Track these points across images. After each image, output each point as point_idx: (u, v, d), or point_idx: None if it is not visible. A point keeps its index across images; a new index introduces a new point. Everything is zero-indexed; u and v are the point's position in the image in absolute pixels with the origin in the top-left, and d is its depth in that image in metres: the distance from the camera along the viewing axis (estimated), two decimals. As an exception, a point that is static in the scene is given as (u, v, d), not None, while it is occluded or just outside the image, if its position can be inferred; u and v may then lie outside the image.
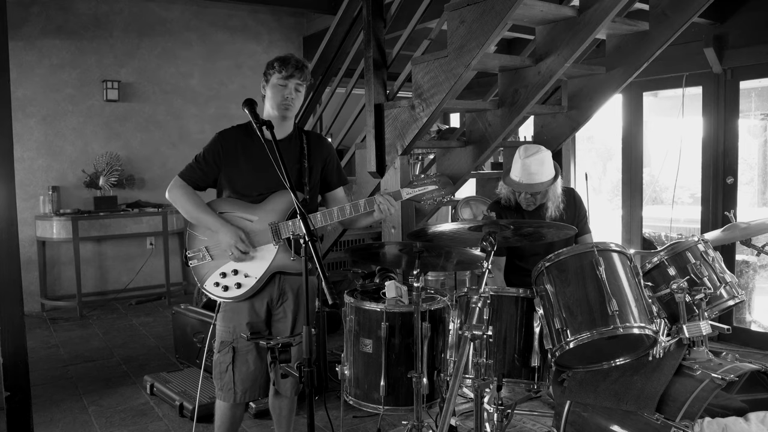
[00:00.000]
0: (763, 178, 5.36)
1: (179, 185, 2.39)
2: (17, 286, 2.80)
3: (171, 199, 2.41)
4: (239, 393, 2.36)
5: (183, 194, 2.37)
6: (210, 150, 2.37)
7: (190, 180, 2.39)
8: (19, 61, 5.67)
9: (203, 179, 2.39)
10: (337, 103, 4.34)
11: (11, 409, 2.77)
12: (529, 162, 2.90)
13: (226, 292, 2.32)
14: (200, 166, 2.38)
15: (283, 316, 2.41)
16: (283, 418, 2.56)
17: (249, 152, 2.36)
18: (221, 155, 2.36)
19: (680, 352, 2.27)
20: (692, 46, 4.46)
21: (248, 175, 2.35)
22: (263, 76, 2.37)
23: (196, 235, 2.38)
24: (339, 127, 4.48)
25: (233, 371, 2.35)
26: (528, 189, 2.93)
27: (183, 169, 2.41)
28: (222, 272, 2.33)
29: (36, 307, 5.86)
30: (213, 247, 2.35)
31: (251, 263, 2.32)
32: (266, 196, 2.35)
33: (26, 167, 5.81)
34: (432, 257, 2.47)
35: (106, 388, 3.81)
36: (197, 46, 6.54)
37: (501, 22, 2.80)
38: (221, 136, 2.38)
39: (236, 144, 2.37)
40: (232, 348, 2.34)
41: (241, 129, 2.41)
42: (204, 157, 2.37)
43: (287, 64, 2.32)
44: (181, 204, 2.37)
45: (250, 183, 2.36)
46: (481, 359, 2.00)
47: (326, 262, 4.77)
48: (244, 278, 2.31)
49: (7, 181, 2.73)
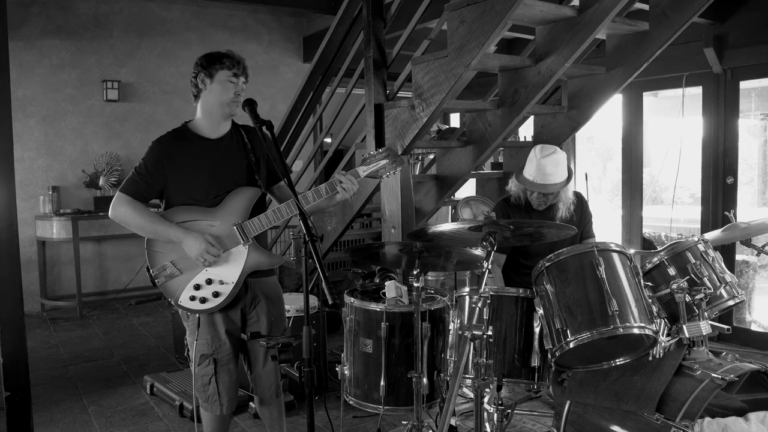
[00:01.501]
0: (763, 178, 5.36)
1: (124, 201, 2.21)
2: (17, 286, 2.80)
3: (118, 218, 2.23)
4: (225, 404, 2.31)
5: (132, 209, 2.21)
6: (151, 159, 2.22)
7: (134, 194, 2.22)
8: (19, 61, 5.67)
9: (148, 191, 2.24)
10: (337, 103, 4.34)
11: (11, 409, 2.77)
12: (545, 162, 2.91)
13: (204, 304, 2.21)
14: (143, 178, 2.22)
15: (256, 319, 2.35)
16: (275, 420, 2.51)
17: (193, 156, 2.24)
18: (164, 163, 2.22)
19: (680, 352, 2.27)
20: (692, 46, 4.46)
21: (198, 178, 2.24)
22: (202, 69, 2.25)
23: (156, 251, 2.25)
24: (339, 127, 4.48)
25: (217, 383, 2.29)
26: (542, 189, 2.93)
27: (123, 184, 2.24)
28: (195, 284, 2.21)
29: (36, 307, 5.86)
30: (179, 261, 2.22)
31: (224, 269, 2.22)
32: (222, 198, 2.24)
33: (26, 167, 5.81)
34: (432, 257, 2.47)
35: (106, 388, 3.81)
36: (197, 46, 6.54)
37: (501, 22, 2.80)
38: (160, 144, 2.25)
39: (177, 150, 2.24)
40: (213, 360, 2.28)
41: (176, 133, 2.29)
42: (146, 167, 2.22)
43: (237, 62, 2.26)
44: (132, 220, 2.21)
45: (202, 187, 2.24)
46: (481, 359, 2.00)
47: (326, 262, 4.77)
48: (220, 285, 2.21)
49: (7, 181, 2.73)
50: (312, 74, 4.35)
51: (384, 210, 3.50)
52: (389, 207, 3.45)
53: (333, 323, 4.41)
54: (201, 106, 2.30)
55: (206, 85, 2.25)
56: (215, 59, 2.26)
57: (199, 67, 2.27)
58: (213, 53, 2.29)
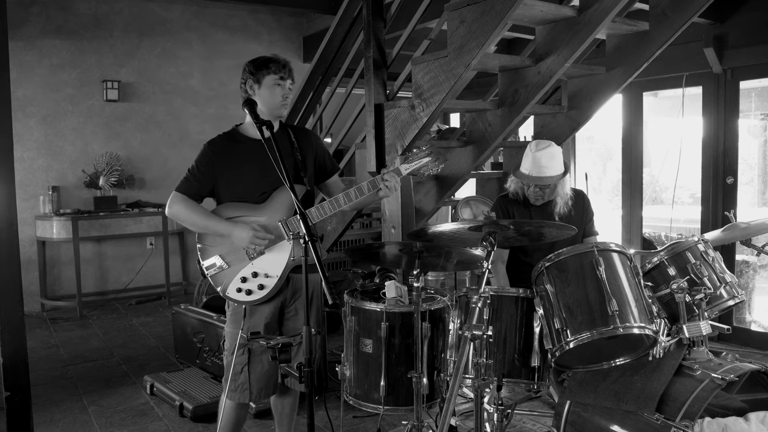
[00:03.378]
0: (763, 178, 5.36)
1: (179, 199, 2.35)
2: (17, 286, 2.80)
3: (173, 215, 2.37)
4: (255, 392, 2.38)
5: (185, 207, 2.34)
6: (202, 160, 2.35)
7: (188, 193, 2.36)
8: (19, 61, 5.67)
9: (201, 190, 2.37)
10: (337, 103, 4.34)
11: (11, 409, 2.77)
12: (540, 155, 2.94)
13: (250, 296, 2.31)
14: (196, 178, 2.36)
15: (294, 313, 2.43)
16: (285, 416, 2.57)
17: (242, 155, 2.36)
18: (215, 163, 2.34)
19: (680, 352, 2.27)
20: (692, 46, 4.46)
21: (247, 177, 2.35)
22: (250, 76, 2.33)
23: (207, 246, 2.36)
24: (339, 127, 4.48)
25: (249, 371, 2.36)
26: (537, 182, 2.96)
27: (178, 184, 2.37)
28: (242, 277, 2.32)
29: (36, 307, 5.86)
30: (227, 254, 2.34)
31: (269, 262, 2.32)
32: (269, 195, 2.35)
33: (26, 167, 5.81)
34: (432, 257, 2.47)
35: (106, 388, 3.81)
36: (197, 46, 6.54)
37: (501, 22, 2.80)
38: (210, 145, 2.37)
39: (227, 150, 2.36)
40: (248, 349, 2.36)
41: (227, 135, 2.41)
42: (198, 168, 2.36)
43: (281, 65, 2.33)
44: (186, 216, 2.35)
45: (250, 184, 2.35)
46: (481, 359, 2.00)
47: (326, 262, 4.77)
48: (265, 278, 2.32)
49: (7, 181, 2.73)
50: (312, 74, 4.35)
51: (384, 210, 3.50)
52: (389, 207, 3.45)
53: (333, 323, 4.41)
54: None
55: (255, 90, 2.33)
56: (262, 65, 2.33)
57: (247, 74, 2.35)
58: (260, 59, 2.36)
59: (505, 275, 3.06)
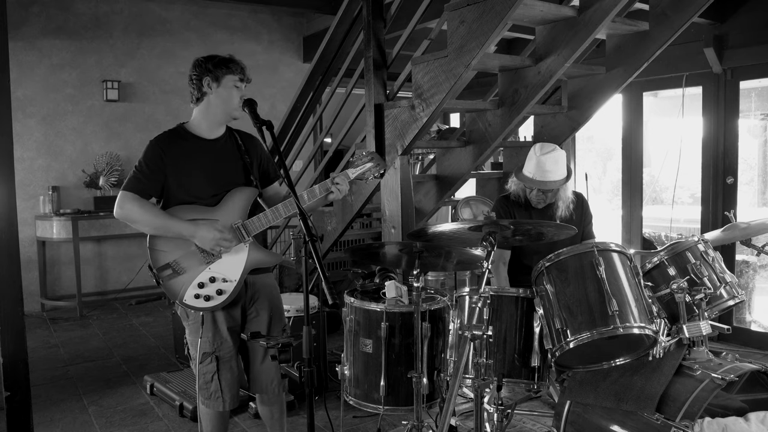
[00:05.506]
0: (763, 178, 5.36)
1: (130, 198, 2.21)
2: (17, 286, 2.79)
3: (124, 217, 2.22)
4: (228, 400, 2.34)
5: (139, 207, 2.21)
6: (151, 158, 2.24)
7: (138, 191, 2.23)
8: (19, 61, 5.67)
9: (151, 188, 2.25)
10: (337, 103, 4.34)
11: (11, 409, 2.76)
12: (544, 159, 2.94)
13: (208, 302, 2.25)
14: (145, 176, 2.23)
15: (255, 315, 2.39)
16: (276, 421, 2.53)
17: (190, 155, 2.27)
18: (164, 161, 2.24)
19: (680, 352, 2.27)
20: (692, 46, 4.46)
21: (198, 177, 2.27)
22: (207, 73, 2.24)
23: (159, 250, 2.26)
24: (339, 127, 4.48)
25: (219, 380, 2.32)
26: (541, 186, 2.96)
27: (126, 183, 2.24)
28: (199, 282, 2.24)
29: (36, 307, 5.86)
30: (182, 259, 2.25)
31: (226, 266, 2.26)
32: (221, 197, 2.28)
33: (26, 167, 5.81)
34: (432, 257, 2.47)
35: (106, 388, 3.81)
36: (197, 46, 6.54)
37: (501, 22, 2.80)
38: (158, 142, 2.26)
39: (174, 148, 2.27)
40: (215, 357, 2.31)
41: (174, 133, 2.31)
42: (146, 165, 2.23)
43: (239, 66, 2.28)
44: (140, 217, 2.21)
45: (203, 185, 2.27)
46: (481, 359, 2.00)
47: (326, 262, 4.77)
48: (224, 283, 2.25)
49: (7, 181, 2.72)
50: (312, 74, 4.35)
51: (384, 210, 3.50)
52: (389, 207, 3.45)
53: (333, 323, 4.41)
54: (202, 108, 2.31)
55: (212, 88, 2.26)
56: (221, 63, 2.27)
57: (203, 70, 2.26)
58: (218, 57, 2.30)
59: (506, 277, 3.06)
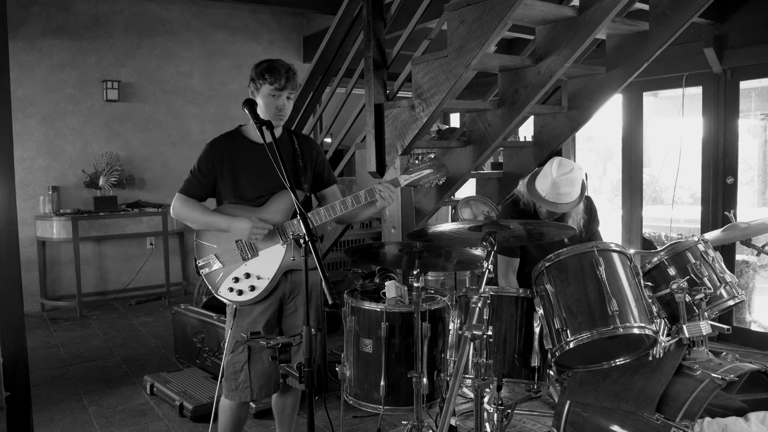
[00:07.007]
0: (763, 178, 5.36)
1: (181, 200, 2.40)
2: (17, 286, 2.79)
3: (176, 215, 2.42)
4: (255, 390, 2.38)
5: (187, 206, 2.39)
6: (203, 161, 2.38)
7: (190, 193, 2.40)
8: (19, 61, 5.67)
9: (202, 190, 2.40)
10: (337, 103, 4.34)
11: (11, 409, 2.76)
12: (560, 181, 2.83)
13: (241, 296, 2.35)
14: (197, 179, 2.39)
15: (294, 310, 2.44)
16: (286, 416, 2.57)
17: (242, 157, 2.37)
18: (215, 164, 2.36)
19: (680, 352, 2.27)
20: (692, 46, 4.46)
21: (246, 179, 2.37)
22: (251, 81, 2.34)
23: (204, 244, 2.40)
24: (339, 127, 4.48)
25: (249, 369, 2.37)
26: (552, 208, 2.90)
27: (181, 186, 2.41)
28: (234, 277, 2.36)
29: (36, 307, 5.86)
30: (222, 254, 2.37)
31: (262, 265, 2.35)
32: (267, 198, 2.37)
33: (26, 167, 5.81)
34: (432, 257, 2.47)
35: (106, 388, 3.81)
36: (197, 46, 6.54)
37: (501, 22, 2.80)
38: (212, 146, 2.39)
39: (228, 151, 2.37)
40: (248, 347, 2.36)
41: (229, 136, 2.42)
42: (199, 169, 2.38)
43: (278, 76, 2.28)
44: (188, 214, 2.39)
45: (249, 187, 2.37)
46: (481, 359, 2.00)
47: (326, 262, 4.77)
48: (257, 280, 2.34)
49: (7, 181, 2.73)
50: (312, 74, 4.35)
51: (384, 210, 3.50)
52: (389, 207, 3.45)
53: (333, 323, 4.41)
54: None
55: (255, 95, 2.33)
56: (260, 74, 2.30)
57: (251, 76, 2.34)
58: (261, 65, 2.33)
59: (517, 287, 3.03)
